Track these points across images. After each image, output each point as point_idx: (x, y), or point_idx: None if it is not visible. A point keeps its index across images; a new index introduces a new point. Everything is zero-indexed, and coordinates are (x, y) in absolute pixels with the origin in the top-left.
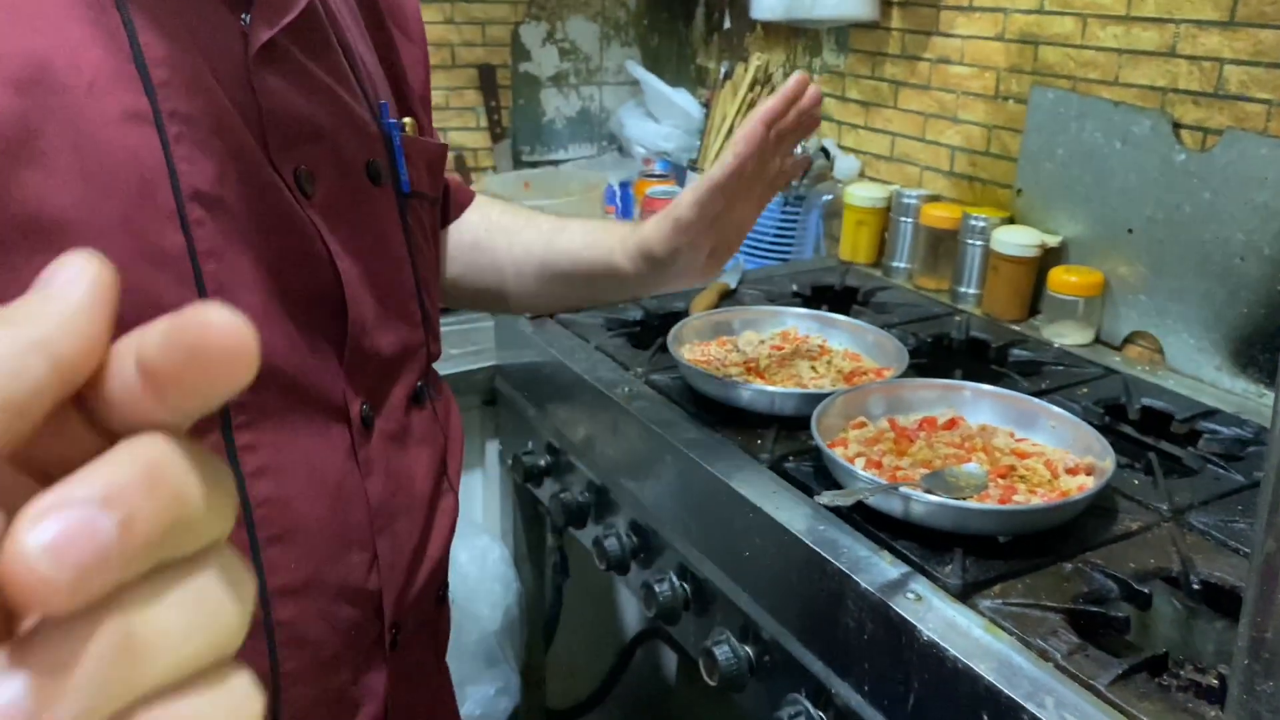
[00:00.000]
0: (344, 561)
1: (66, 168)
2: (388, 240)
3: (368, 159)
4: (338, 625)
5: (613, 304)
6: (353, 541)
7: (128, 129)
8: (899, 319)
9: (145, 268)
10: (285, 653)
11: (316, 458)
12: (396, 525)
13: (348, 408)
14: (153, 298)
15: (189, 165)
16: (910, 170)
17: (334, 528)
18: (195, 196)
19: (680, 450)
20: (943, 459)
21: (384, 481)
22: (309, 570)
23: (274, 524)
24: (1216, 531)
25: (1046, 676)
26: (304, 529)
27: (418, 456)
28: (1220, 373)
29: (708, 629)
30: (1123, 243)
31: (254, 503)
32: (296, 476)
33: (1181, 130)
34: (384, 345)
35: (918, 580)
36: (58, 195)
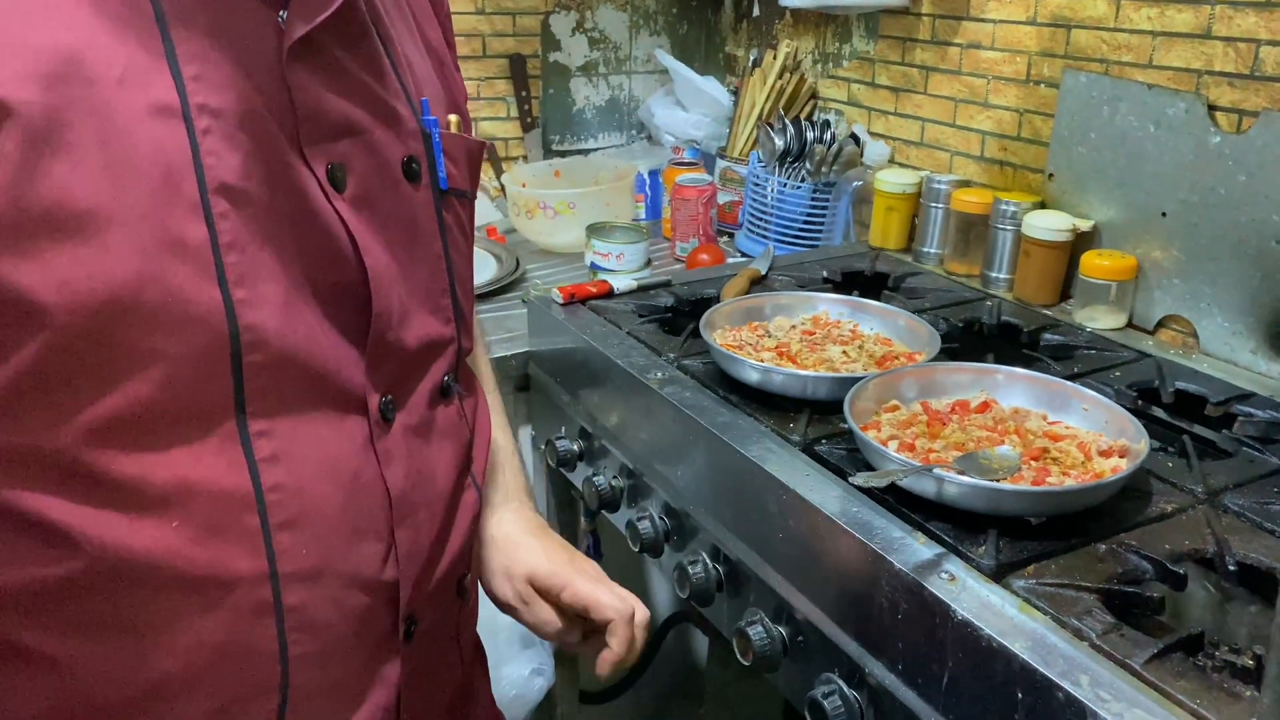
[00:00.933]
0: (358, 551)
1: (92, 160)
2: (422, 236)
3: (405, 155)
4: (349, 613)
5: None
6: (368, 531)
7: (155, 122)
8: (930, 304)
9: (167, 258)
10: (294, 636)
11: (331, 447)
12: (417, 517)
13: (366, 400)
14: (173, 288)
15: (216, 159)
16: (940, 156)
17: (348, 517)
18: (220, 190)
19: (713, 434)
20: (976, 441)
21: (404, 474)
22: (320, 557)
23: (285, 510)
24: (1252, 513)
25: (1081, 655)
26: (316, 516)
27: (441, 451)
28: (1256, 356)
29: (741, 610)
30: (1156, 226)
31: (265, 488)
32: (310, 465)
33: (1216, 112)
34: (410, 339)
35: (951, 561)
36: (83, 186)
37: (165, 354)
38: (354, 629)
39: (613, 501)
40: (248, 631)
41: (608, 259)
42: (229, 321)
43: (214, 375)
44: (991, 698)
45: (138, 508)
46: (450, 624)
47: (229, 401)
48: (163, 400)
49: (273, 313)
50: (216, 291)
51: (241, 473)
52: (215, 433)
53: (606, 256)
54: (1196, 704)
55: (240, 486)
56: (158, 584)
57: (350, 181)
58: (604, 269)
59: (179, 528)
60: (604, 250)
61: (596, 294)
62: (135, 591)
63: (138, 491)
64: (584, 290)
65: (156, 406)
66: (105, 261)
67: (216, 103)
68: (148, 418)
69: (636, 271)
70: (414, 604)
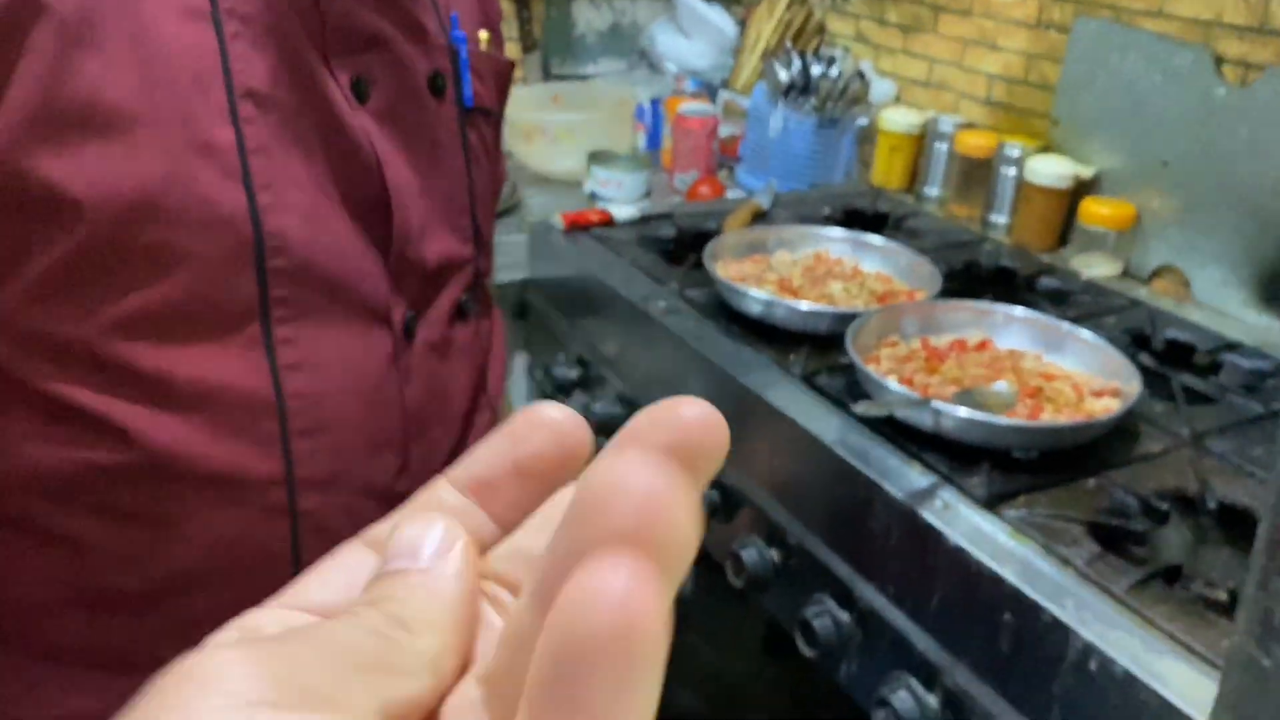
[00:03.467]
0: (373, 463)
1: (124, 57)
2: (445, 153)
3: (431, 70)
4: (361, 522)
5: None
6: (384, 444)
7: (185, 24)
8: (929, 245)
9: (193, 159)
10: (306, 540)
11: (356, 359)
12: (431, 433)
13: (390, 314)
14: (199, 189)
15: (244, 64)
16: (946, 97)
17: (367, 428)
18: (248, 94)
19: (713, 363)
20: (972, 378)
21: (422, 390)
22: (336, 466)
23: (305, 417)
24: (1234, 456)
25: (1067, 581)
26: (336, 426)
27: (458, 369)
28: (1246, 307)
29: (734, 534)
30: (1157, 176)
31: (287, 394)
32: (333, 375)
33: (1223, 65)
34: (430, 256)
35: (946, 490)
36: (114, 83)
37: (191, 254)
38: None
39: (609, 429)
40: (262, 531)
41: (608, 187)
42: (253, 225)
43: (238, 278)
44: (979, 620)
45: (163, 402)
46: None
47: (254, 306)
48: (189, 300)
49: (297, 219)
50: (241, 194)
51: (264, 378)
52: (240, 336)
53: (606, 185)
54: (1174, 628)
55: (262, 391)
56: (178, 476)
57: (373, 94)
58: (604, 197)
59: (201, 425)
60: (604, 178)
61: (598, 222)
62: (156, 481)
63: (163, 385)
64: (586, 218)
65: (183, 305)
66: (134, 160)
67: (245, 8)
68: (174, 315)
69: (637, 201)
70: None
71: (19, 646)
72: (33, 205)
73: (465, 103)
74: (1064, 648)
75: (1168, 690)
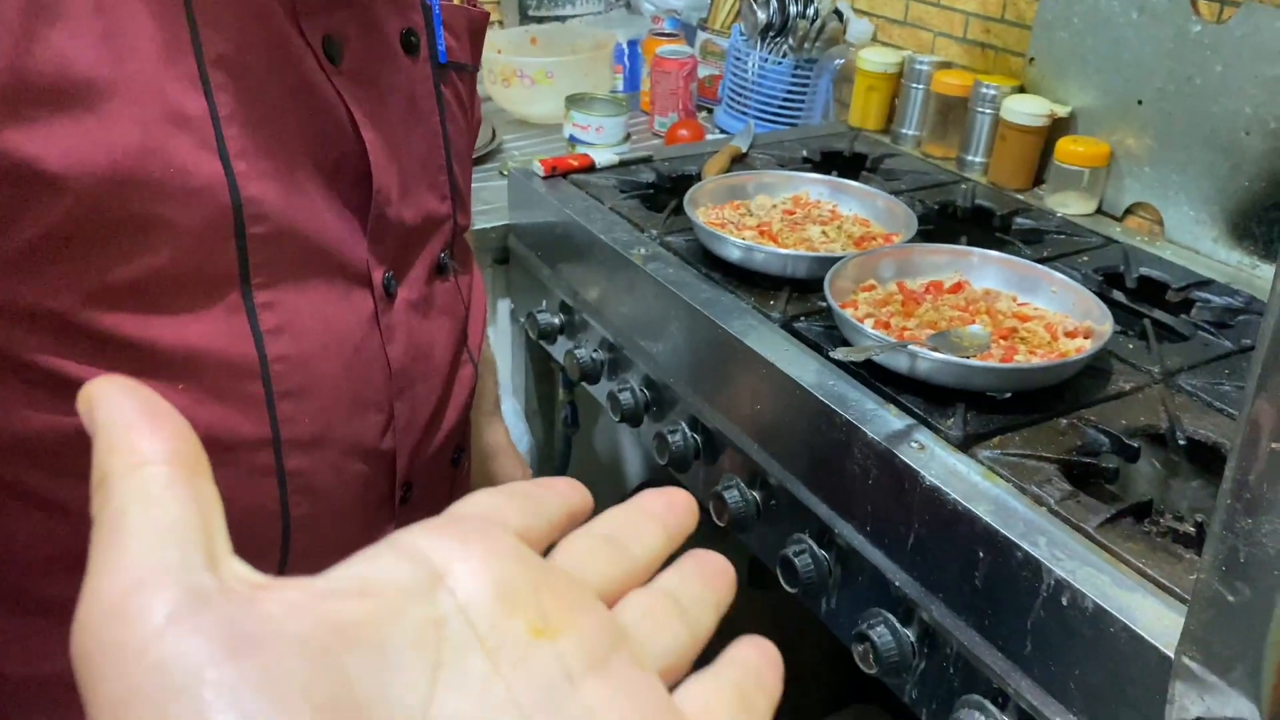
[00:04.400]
0: (358, 421)
1: (89, 28)
2: (420, 111)
3: (403, 27)
4: (348, 479)
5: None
6: (368, 403)
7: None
8: (906, 186)
9: (167, 129)
10: (295, 499)
11: (337, 321)
12: (415, 390)
13: (370, 274)
14: (175, 159)
15: (212, 30)
16: (924, 36)
17: (350, 388)
18: (218, 61)
19: (695, 309)
20: (948, 320)
21: (405, 348)
22: (322, 426)
23: (289, 379)
24: (1204, 393)
25: (1040, 519)
26: (319, 387)
27: (439, 326)
28: (1217, 245)
29: (717, 476)
30: (1132, 114)
31: (270, 358)
32: (314, 337)
33: (1199, 1)
34: (408, 215)
35: (921, 431)
36: (82, 55)
37: (170, 224)
38: (353, 494)
39: (594, 374)
40: (251, 491)
41: (587, 131)
42: (231, 193)
43: (218, 246)
44: (955, 557)
45: (148, 370)
46: (444, 492)
47: (234, 273)
48: (170, 269)
49: (274, 185)
50: (218, 164)
51: (246, 343)
52: (221, 303)
53: (586, 129)
54: (1142, 564)
55: (245, 355)
56: None
57: (346, 54)
58: (583, 141)
59: (185, 390)
60: (583, 122)
61: (578, 168)
62: None
63: (147, 354)
64: (565, 164)
65: (164, 274)
66: (108, 132)
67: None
68: (156, 285)
69: (616, 145)
70: (410, 472)
71: (11, 603)
72: (8, 181)
73: (439, 59)
74: (1036, 584)
75: (1136, 624)
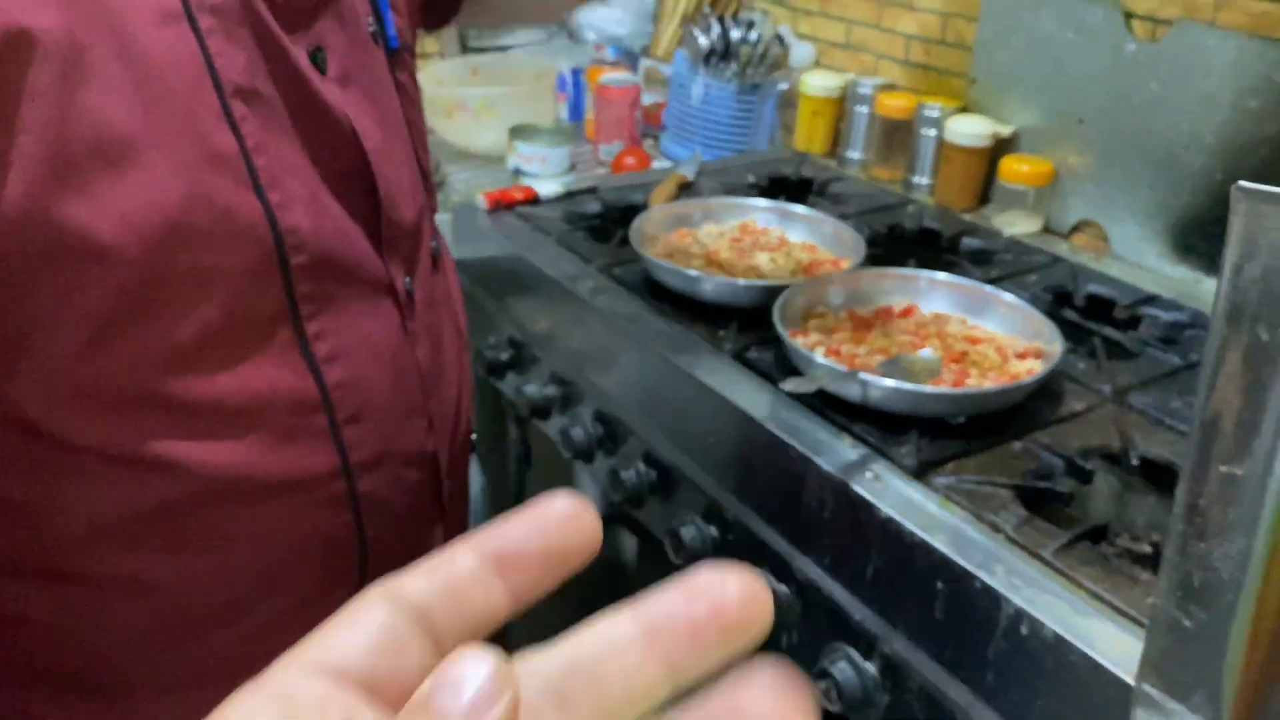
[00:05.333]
0: (408, 430)
1: (120, 81)
2: (387, 101)
3: (368, 17)
4: (407, 489)
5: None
6: (412, 409)
7: (166, 30)
8: (854, 209)
9: (207, 173)
10: (368, 519)
11: (374, 335)
12: (441, 388)
13: (393, 282)
14: (219, 203)
15: (225, 60)
16: (866, 59)
17: (397, 400)
18: (236, 92)
19: (644, 343)
20: (899, 346)
21: (428, 348)
22: (382, 443)
23: (349, 405)
24: (1154, 410)
25: (997, 547)
26: (374, 405)
27: (445, 316)
28: (1162, 260)
29: (673, 512)
30: (1073, 132)
31: (330, 387)
32: (361, 357)
33: (1133, 20)
34: (409, 215)
35: (876, 461)
36: (118, 111)
37: (222, 271)
38: (412, 503)
39: (544, 409)
40: (329, 524)
41: (531, 162)
42: (271, 227)
43: (267, 284)
44: (913, 588)
45: (217, 427)
46: (464, 473)
47: (283, 309)
48: (225, 319)
49: (304, 211)
50: (255, 199)
51: (305, 377)
52: (275, 341)
53: (530, 160)
54: (1100, 589)
55: (306, 390)
56: (241, 496)
57: (331, 62)
58: (527, 173)
59: (255, 440)
60: (528, 153)
61: (522, 200)
62: (222, 507)
63: (215, 412)
64: (510, 196)
65: (221, 326)
66: (154, 186)
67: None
68: (215, 339)
69: (561, 175)
70: (450, 468)
71: (83, 685)
72: (67, 254)
73: (391, 44)
74: (996, 613)
75: (1096, 652)
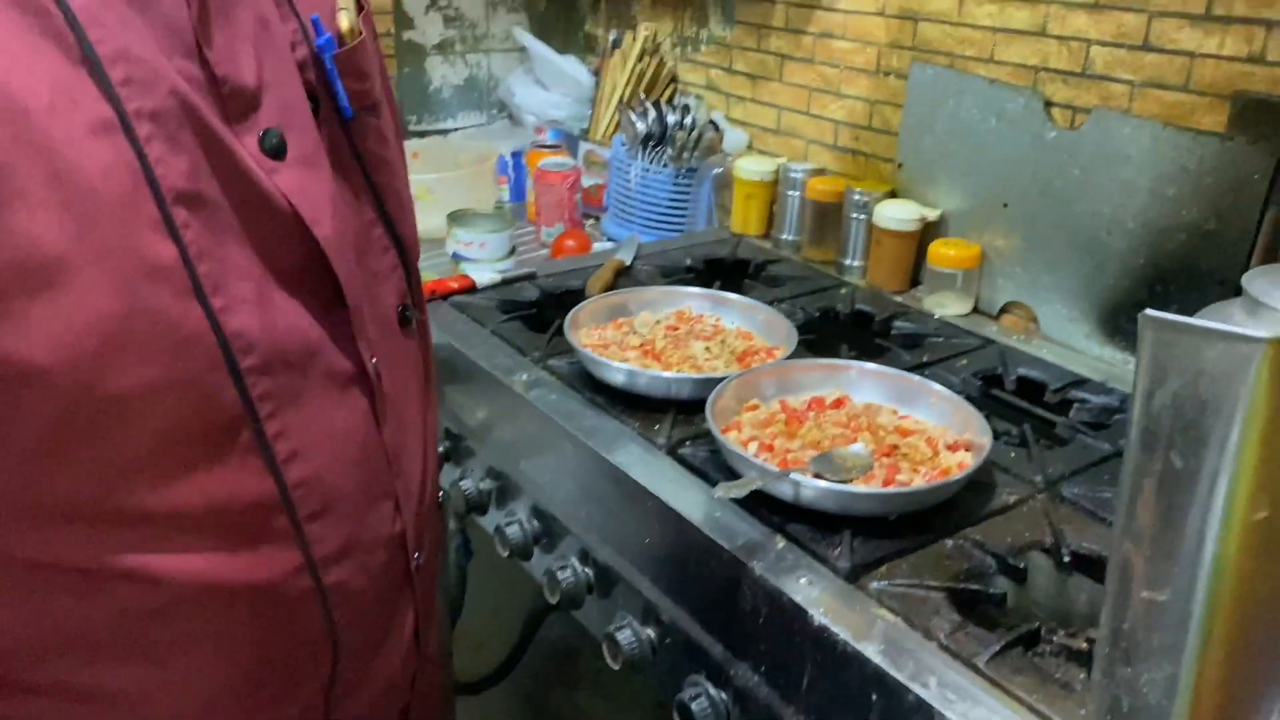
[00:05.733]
0: (373, 515)
1: (47, 200)
2: (346, 174)
3: (307, 91)
4: (375, 574)
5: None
6: (378, 494)
7: (98, 142)
8: (789, 293)
9: (145, 285)
10: (338, 611)
11: (340, 427)
12: (406, 463)
13: (364, 368)
14: (159, 316)
15: (165, 167)
16: (797, 144)
17: (362, 487)
18: (178, 199)
19: (579, 439)
20: (831, 439)
21: (394, 425)
22: (346, 534)
23: (312, 501)
24: (1085, 502)
25: (930, 656)
26: (338, 499)
27: (409, 380)
28: (1090, 341)
29: (610, 612)
30: (999, 216)
31: (291, 486)
32: (325, 451)
33: (1053, 108)
34: (374, 289)
35: (809, 564)
36: (46, 231)
37: (169, 382)
38: (380, 585)
39: (480, 504)
40: (296, 621)
41: (470, 248)
42: (216, 334)
43: (217, 390)
44: (848, 699)
45: (174, 537)
46: (436, 537)
47: (239, 413)
48: (177, 429)
49: (252, 311)
50: (197, 306)
51: (266, 480)
52: (235, 446)
53: (469, 245)
54: (1033, 699)
55: (267, 493)
56: (202, 603)
57: (290, 141)
58: (466, 258)
59: (215, 545)
60: (466, 239)
61: (458, 290)
62: (183, 614)
63: (173, 523)
64: (445, 286)
65: (173, 436)
66: (87, 306)
67: (151, 104)
68: (167, 449)
69: (500, 260)
70: (418, 542)
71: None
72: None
73: (345, 113)
74: None
75: None
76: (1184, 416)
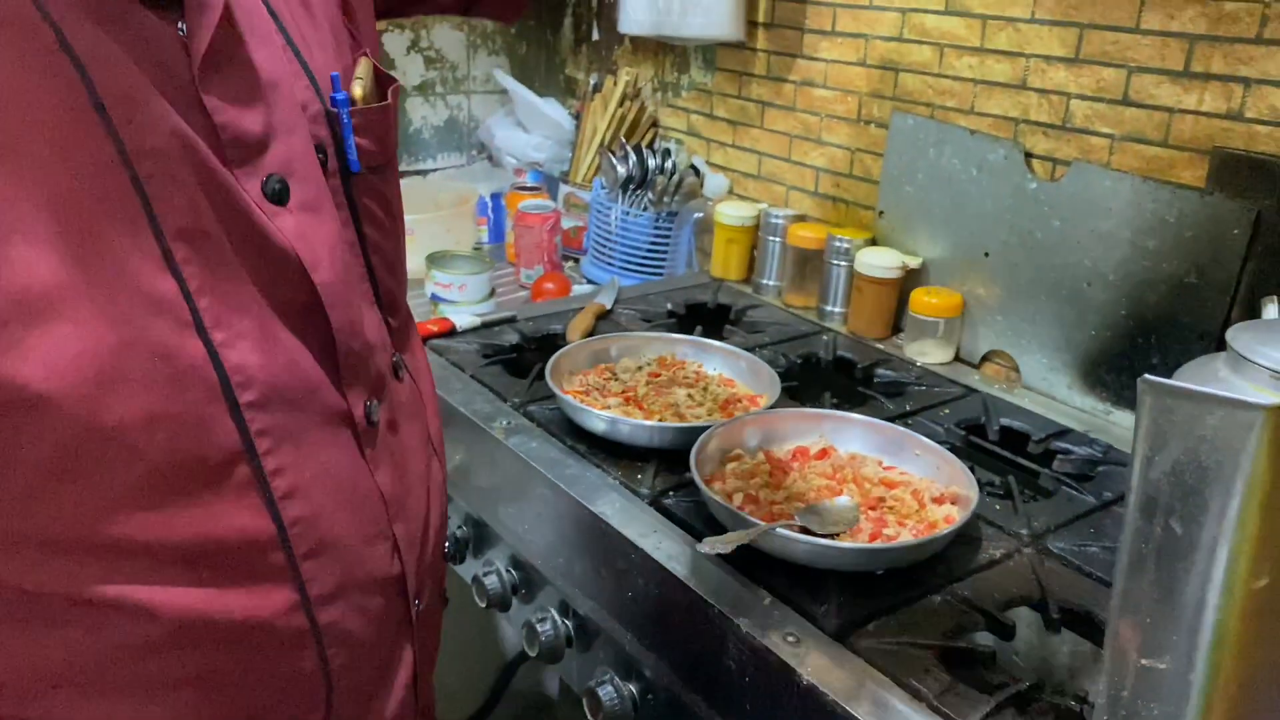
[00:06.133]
0: (370, 556)
1: (47, 234)
2: (349, 231)
3: (316, 143)
4: (372, 616)
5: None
6: (375, 535)
7: (101, 180)
8: (770, 339)
9: (144, 317)
10: (332, 651)
11: (333, 466)
12: (407, 508)
13: (351, 410)
14: (157, 348)
15: (165, 204)
16: (777, 189)
17: (357, 528)
18: (179, 234)
19: (560, 488)
20: (816, 491)
21: (390, 471)
22: (342, 573)
23: (308, 540)
24: (1072, 556)
25: (920, 718)
26: (333, 537)
27: (409, 433)
28: (1071, 391)
29: (591, 667)
30: (979, 265)
31: (287, 523)
32: (320, 490)
33: (1033, 160)
34: (372, 340)
35: (796, 621)
36: (45, 264)
37: (168, 414)
38: (377, 628)
39: (458, 553)
40: (291, 659)
41: (449, 289)
42: (215, 367)
43: (216, 424)
44: None
45: (169, 570)
46: (439, 585)
47: (238, 448)
48: (173, 461)
49: (252, 347)
50: (198, 342)
51: (263, 516)
52: (232, 480)
53: (448, 287)
54: None
55: (264, 530)
56: (197, 637)
57: (294, 189)
58: (446, 300)
59: (210, 580)
60: (445, 281)
61: (438, 333)
62: (178, 648)
63: (166, 555)
64: (424, 329)
65: (171, 468)
66: (85, 336)
67: (153, 143)
68: (163, 481)
69: (479, 303)
70: (419, 587)
71: None
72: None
73: (351, 169)
74: None
75: None
76: (1184, 483)
